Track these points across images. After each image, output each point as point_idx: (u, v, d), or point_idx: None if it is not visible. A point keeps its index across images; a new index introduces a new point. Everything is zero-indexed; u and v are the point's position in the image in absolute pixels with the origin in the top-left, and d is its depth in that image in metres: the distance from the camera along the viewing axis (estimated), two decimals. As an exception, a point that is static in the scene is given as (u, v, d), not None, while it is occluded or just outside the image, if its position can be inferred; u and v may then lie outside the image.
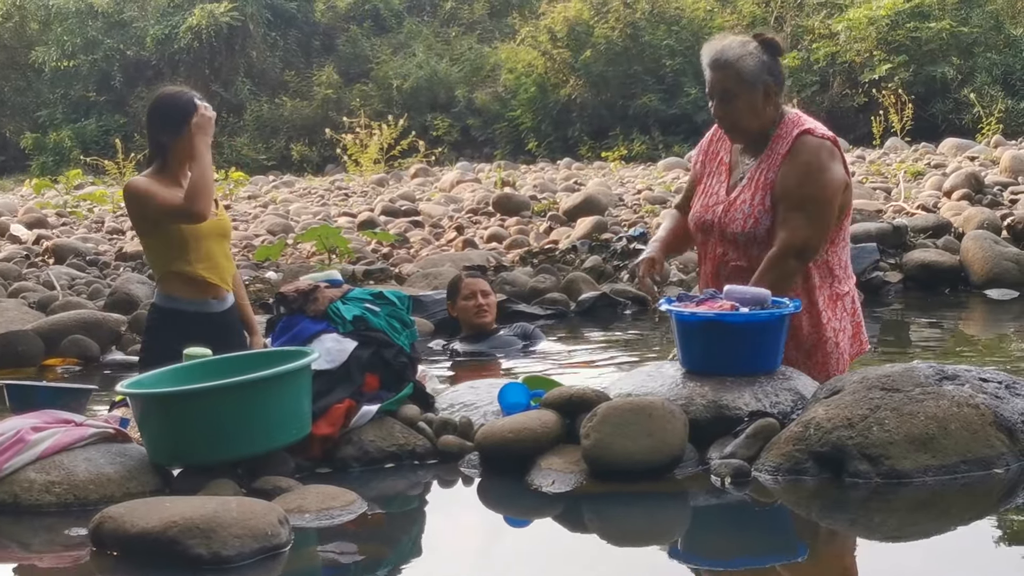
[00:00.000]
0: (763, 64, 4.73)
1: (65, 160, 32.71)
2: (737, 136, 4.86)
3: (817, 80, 26.57)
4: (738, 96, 4.72)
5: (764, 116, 4.74)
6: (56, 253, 12.48)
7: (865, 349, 5.00)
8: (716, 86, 4.78)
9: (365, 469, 4.55)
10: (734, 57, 4.74)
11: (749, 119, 4.74)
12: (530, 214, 14.60)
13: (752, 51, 4.74)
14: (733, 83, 4.73)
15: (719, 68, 4.76)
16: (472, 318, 7.21)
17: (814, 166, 4.65)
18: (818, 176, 4.64)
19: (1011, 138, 20.72)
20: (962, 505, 3.85)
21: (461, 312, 7.27)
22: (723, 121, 4.83)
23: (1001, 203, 12.35)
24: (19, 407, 4.69)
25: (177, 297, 5.39)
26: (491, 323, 7.25)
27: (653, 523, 3.95)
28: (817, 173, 4.64)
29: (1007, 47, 25.44)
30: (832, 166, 4.69)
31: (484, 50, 34.53)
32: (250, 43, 35.85)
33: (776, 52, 4.81)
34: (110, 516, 3.60)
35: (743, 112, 4.74)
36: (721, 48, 4.79)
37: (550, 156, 28.61)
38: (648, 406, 4.19)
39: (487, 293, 7.30)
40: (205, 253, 5.36)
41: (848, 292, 4.87)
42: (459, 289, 7.29)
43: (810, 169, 4.65)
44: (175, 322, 5.36)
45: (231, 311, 5.51)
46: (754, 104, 4.72)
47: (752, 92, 4.71)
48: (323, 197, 20.88)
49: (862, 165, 17.92)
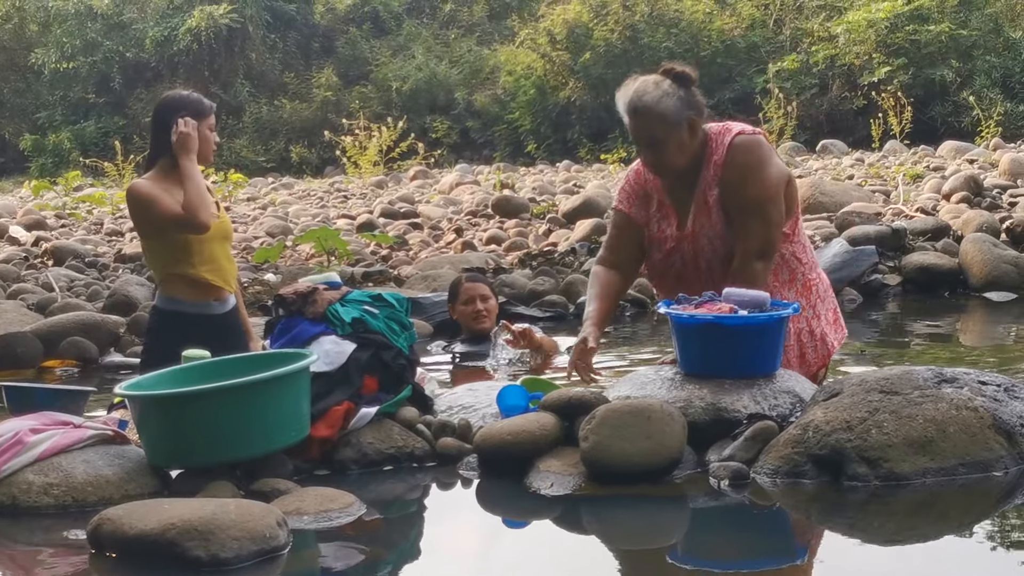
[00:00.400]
0: (682, 100, 4.72)
1: (64, 162, 32.71)
2: (669, 175, 4.85)
3: (816, 83, 26.58)
4: (666, 140, 4.72)
5: (692, 148, 4.75)
6: (55, 255, 12.47)
7: (844, 335, 5.01)
8: (641, 133, 4.77)
9: (364, 471, 4.55)
10: (653, 102, 4.71)
11: (679, 157, 4.75)
12: (529, 216, 14.60)
13: (668, 90, 4.72)
14: (658, 128, 4.71)
15: (640, 115, 4.75)
16: (471, 323, 7.19)
17: (752, 165, 4.68)
18: (758, 174, 4.68)
19: (1010, 141, 20.72)
20: (961, 508, 3.85)
21: (460, 316, 7.27)
22: (654, 166, 4.82)
23: (1000, 206, 12.34)
24: (18, 409, 4.69)
25: (179, 299, 5.40)
26: (491, 328, 7.23)
27: (651, 526, 3.95)
28: (756, 171, 4.68)
29: (1006, 50, 25.45)
30: (771, 159, 4.74)
31: (483, 52, 34.55)
32: (249, 45, 35.86)
33: (689, 83, 4.78)
34: (108, 518, 3.60)
35: (673, 153, 4.74)
36: (637, 94, 4.76)
37: (549, 158, 28.61)
38: (647, 408, 4.18)
39: (487, 298, 7.27)
40: (208, 255, 5.37)
41: (817, 279, 4.89)
42: (459, 293, 7.27)
43: (748, 169, 4.68)
44: (176, 324, 5.36)
45: (233, 312, 5.53)
46: (682, 142, 4.73)
47: (678, 131, 4.71)
48: (322, 199, 20.88)
49: (861, 168, 17.92)
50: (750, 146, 4.71)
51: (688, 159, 4.75)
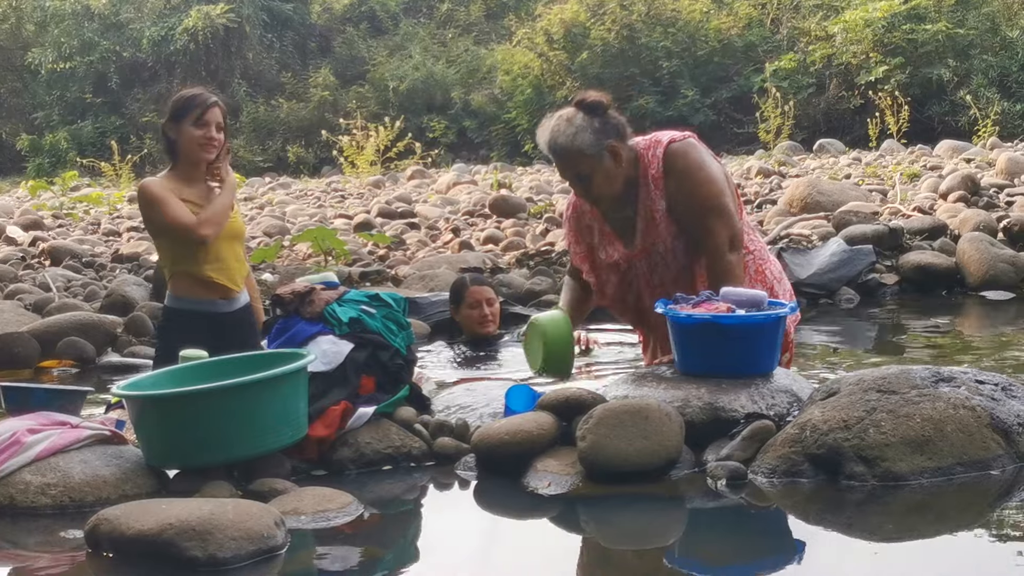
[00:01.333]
0: (596, 132, 4.77)
1: (61, 162, 32.72)
2: (606, 203, 4.92)
3: (813, 82, 26.58)
4: (591, 174, 4.80)
5: (621, 172, 4.79)
6: (52, 255, 12.45)
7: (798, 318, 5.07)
8: (567, 172, 4.86)
9: (361, 471, 4.55)
10: (567, 141, 4.77)
11: (609, 185, 4.83)
12: (526, 216, 14.59)
13: (581, 124, 4.77)
14: (581, 165, 4.79)
15: (559, 156, 4.83)
16: (476, 327, 7.11)
17: (692, 167, 4.76)
18: (701, 174, 4.75)
19: (1007, 140, 20.72)
20: (958, 507, 3.85)
21: (465, 319, 7.18)
22: (588, 199, 4.92)
23: (997, 205, 12.35)
24: (15, 409, 4.69)
25: (185, 297, 5.41)
26: (494, 332, 7.21)
27: (649, 525, 3.95)
28: (698, 172, 4.75)
29: (1003, 49, 25.45)
30: (706, 158, 4.81)
31: (480, 52, 34.54)
32: (246, 45, 35.85)
33: (602, 111, 4.82)
34: (106, 518, 3.60)
35: (602, 183, 4.82)
36: (552, 137, 4.82)
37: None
38: (644, 408, 4.19)
39: (492, 301, 7.21)
40: (214, 255, 5.38)
41: (768, 263, 4.96)
42: (464, 296, 7.20)
43: (690, 172, 4.74)
44: (184, 322, 5.38)
45: (243, 311, 5.52)
46: (608, 171, 4.80)
47: (601, 162, 4.78)
48: (319, 199, 20.86)
49: (858, 167, 17.92)
50: (685, 150, 4.78)
51: (619, 183, 4.82)
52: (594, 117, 4.78)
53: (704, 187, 4.73)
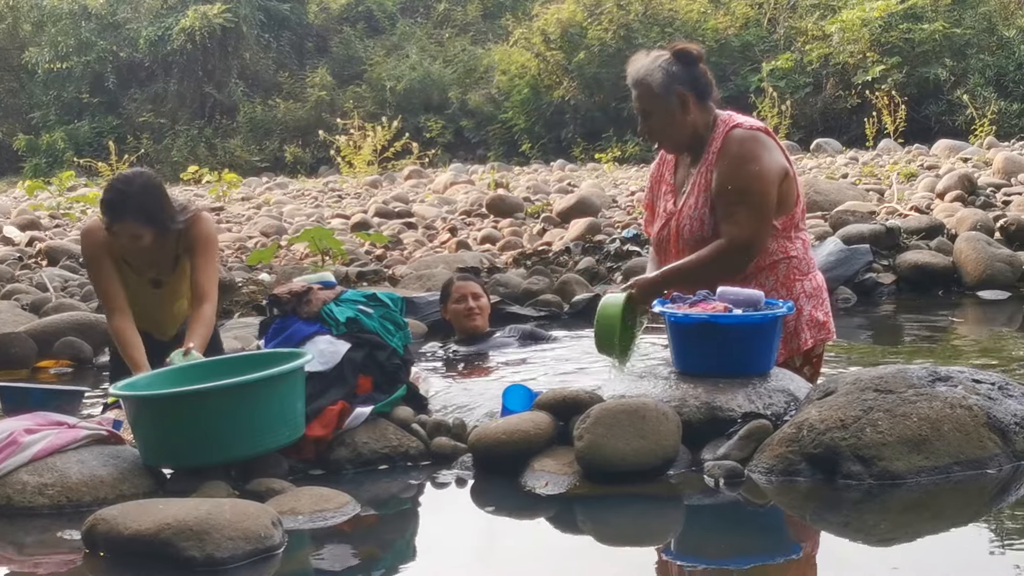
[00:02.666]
0: (671, 75, 4.79)
1: (58, 162, 32.68)
2: (667, 147, 4.98)
3: (810, 82, 26.57)
4: (652, 111, 4.83)
5: (686, 124, 4.82)
6: (49, 255, 12.44)
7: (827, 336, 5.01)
8: (635, 105, 4.90)
9: (358, 471, 4.55)
10: (643, 74, 4.82)
11: (669, 130, 4.84)
12: (523, 216, 14.59)
13: (660, 64, 4.81)
14: (646, 100, 4.83)
15: (634, 87, 4.88)
16: (463, 321, 7.13)
17: (745, 158, 4.70)
18: (749, 167, 4.69)
19: (1004, 139, 20.72)
20: (955, 506, 3.86)
21: (452, 315, 7.20)
22: (646, 136, 4.95)
23: (994, 204, 12.36)
24: (12, 409, 4.69)
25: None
26: (483, 327, 7.18)
27: (646, 525, 3.95)
28: (748, 164, 4.69)
29: (1000, 48, 25.46)
30: (764, 155, 4.73)
31: (477, 52, 34.53)
32: (243, 45, 35.82)
33: (689, 61, 4.83)
34: (103, 518, 3.60)
35: (661, 124, 4.84)
36: (634, 68, 4.89)
37: (543, 158, 28.60)
38: (641, 407, 4.19)
39: (478, 296, 7.22)
40: (142, 310, 5.42)
41: (803, 279, 4.90)
42: (449, 292, 7.24)
43: (741, 162, 4.70)
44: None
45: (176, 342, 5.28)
46: (670, 115, 4.80)
47: (665, 103, 4.79)
48: (316, 199, 20.85)
49: (855, 166, 17.93)
50: (742, 141, 4.74)
51: (681, 134, 4.81)
52: (679, 63, 4.81)
53: (745, 179, 4.67)
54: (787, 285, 4.83)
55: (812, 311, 4.88)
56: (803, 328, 4.85)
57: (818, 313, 4.89)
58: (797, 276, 4.86)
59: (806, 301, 4.86)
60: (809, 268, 4.93)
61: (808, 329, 4.87)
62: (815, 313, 4.88)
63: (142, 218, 5.12)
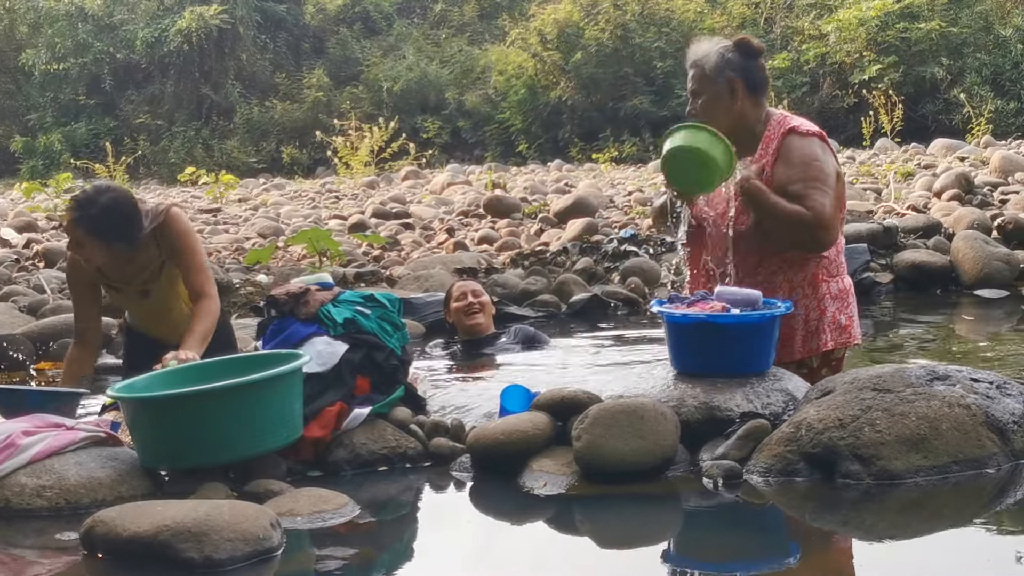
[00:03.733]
0: (727, 61, 4.84)
1: (55, 163, 32.68)
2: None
3: (807, 81, 26.61)
4: (702, 93, 4.87)
5: (732, 111, 4.83)
6: (46, 257, 12.43)
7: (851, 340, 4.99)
8: (689, 85, 4.96)
9: (357, 472, 4.55)
10: (700, 56, 4.90)
11: (714, 113, 4.83)
12: (521, 216, 14.60)
13: (719, 50, 4.88)
14: (698, 81, 4.88)
15: (690, 68, 4.94)
16: (464, 319, 7.14)
17: (809, 156, 4.73)
18: (815, 163, 4.71)
19: (1001, 138, 20.76)
20: (954, 505, 3.86)
21: (454, 315, 7.21)
22: (693, 116, 4.93)
23: (991, 203, 12.38)
24: (10, 411, 4.68)
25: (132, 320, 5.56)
26: (486, 325, 7.19)
27: (645, 525, 3.95)
28: (813, 160, 4.72)
29: (996, 47, 25.49)
30: (824, 156, 4.78)
31: (474, 52, 34.55)
32: (240, 46, 35.85)
33: (748, 53, 4.89)
34: (101, 520, 3.59)
35: (709, 108, 4.85)
36: (693, 49, 4.97)
37: (540, 158, 28.62)
38: (639, 408, 4.19)
39: (479, 293, 7.24)
40: (140, 320, 5.54)
41: (830, 280, 4.89)
42: (451, 293, 7.26)
43: (806, 159, 4.72)
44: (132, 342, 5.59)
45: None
46: (719, 99, 4.83)
47: (715, 87, 4.83)
48: (313, 200, 20.86)
49: (852, 166, 17.94)
50: (804, 144, 4.77)
51: (725, 119, 4.79)
52: (737, 53, 4.86)
53: (813, 171, 4.71)
54: (814, 284, 4.82)
55: (836, 313, 4.87)
56: (824, 329, 4.84)
57: (841, 316, 4.88)
58: (825, 276, 4.85)
59: (831, 303, 4.85)
60: (839, 271, 4.92)
61: (830, 331, 4.86)
62: (838, 316, 4.87)
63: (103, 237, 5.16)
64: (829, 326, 4.85)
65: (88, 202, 5.15)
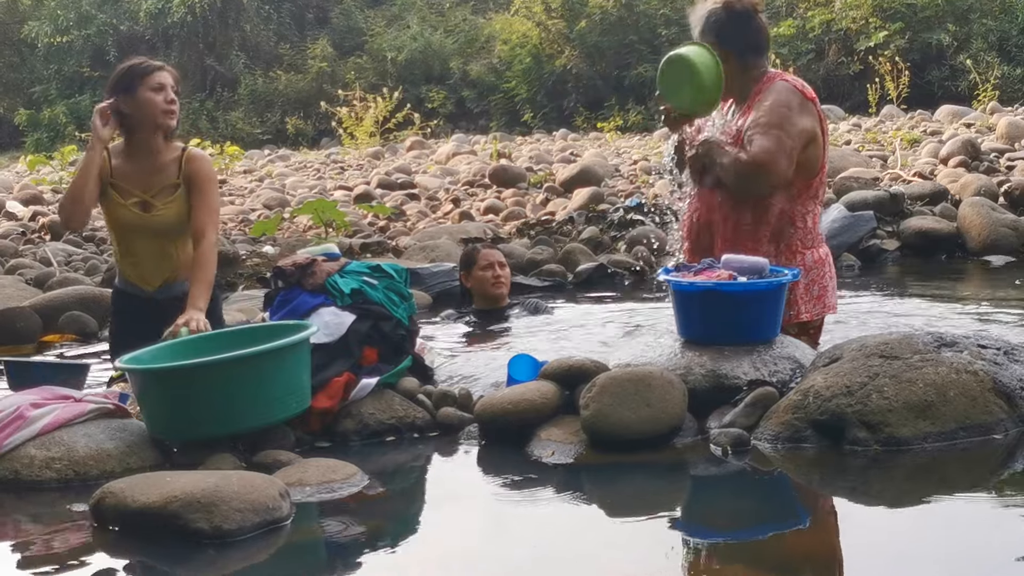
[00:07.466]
0: (711, 24, 4.97)
1: (60, 136, 32.64)
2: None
3: (812, 48, 26.46)
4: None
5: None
6: (52, 230, 12.45)
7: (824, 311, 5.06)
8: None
9: (365, 442, 4.56)
10: (692, 22, 5.09)
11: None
12: (526, 186, 14.57)
13: (707, 10, 5.01)
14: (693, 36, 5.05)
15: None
16: (489, 288, 7.14)
17: (779, 102, 4.82)
18: (783, 111, 4.80)
19: (1007, 104, 20.67)
20: (961, 471, 3.86)
21: (477, 282, 7.20)
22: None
23: (998, 170, 12.33)
24: (18, 384, 4.69)
25: (120, 278, 5.43)
26: (505, 296, 7.23)
27: (653, 493, 3.96)
28: (782, 108, 4.82)
29: (1003, 13, 25.32)
30: (796, 107, 4.84)
31: (478, 21, 34.42)
32: (244, 17, 35.70)
33: (738, 14, 4.98)
34: (111, 491, 3.60)
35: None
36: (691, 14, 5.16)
37: (546, 127, 28.54)
38: (647, 376, 4.19)
39: (503, 265, 7.27)
40: (127, 248, 5.33)
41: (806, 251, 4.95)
42: (476, 260, 7.23)
43: (775, 104, 4.82)
44: (122, 303, 5.43)
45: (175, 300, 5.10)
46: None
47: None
48: (319, 171, 20.84)
49: (858, 133, 17.89)
50: (783, 90, 4.87)
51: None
52: (727, 14, 4.95)
53: (775, 116, 4.76)
54: (788, 256, 4.87)
55: (810, 284, 4.92)
56: (797, 300, 4.90)
57: (814, 287, 4.94)
58: (800, 248, 4.90)
59: (805, 274, 4.89)
60: (814, 242, 4.97)
61: (802, 302, 4.91)
62: (812, 287, 4.93)
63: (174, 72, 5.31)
64: (802, 297, 4.90)
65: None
